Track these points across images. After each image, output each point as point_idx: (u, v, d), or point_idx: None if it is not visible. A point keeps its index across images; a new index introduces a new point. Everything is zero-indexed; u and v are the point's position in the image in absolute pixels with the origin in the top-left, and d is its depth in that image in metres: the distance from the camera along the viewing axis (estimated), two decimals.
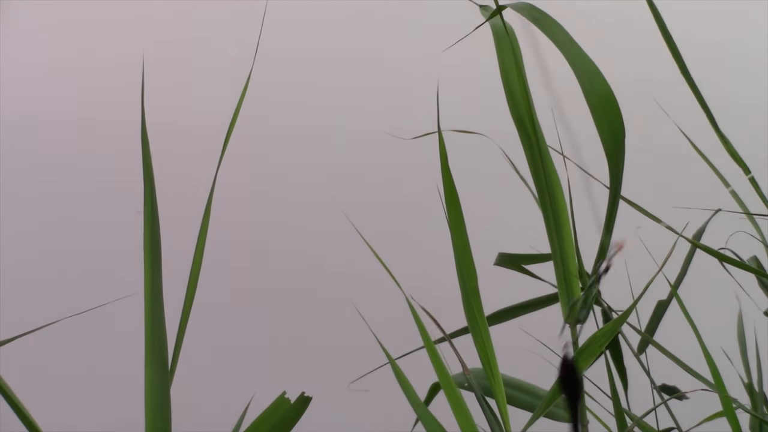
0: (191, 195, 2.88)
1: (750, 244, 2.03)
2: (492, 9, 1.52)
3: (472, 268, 1.48)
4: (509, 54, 1.50)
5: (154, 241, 1.30)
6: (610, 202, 1.46)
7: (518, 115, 1.51)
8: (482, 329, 1.48)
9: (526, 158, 1.53)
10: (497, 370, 1.49)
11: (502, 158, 1.91)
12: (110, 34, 3.41)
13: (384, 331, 1.70)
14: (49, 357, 3.18)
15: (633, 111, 1.68)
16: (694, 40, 3.19)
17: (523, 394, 1.76)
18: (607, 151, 1.41)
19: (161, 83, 3.34)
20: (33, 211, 3.31)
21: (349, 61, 3.44)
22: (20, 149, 3.33)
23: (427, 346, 1.45)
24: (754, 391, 1.87)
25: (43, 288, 3.25)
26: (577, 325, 1.55)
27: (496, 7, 1.46)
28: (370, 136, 3.30)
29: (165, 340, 1.29)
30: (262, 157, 3.38)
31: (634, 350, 1.88)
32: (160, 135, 1.50)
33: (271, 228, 3.37)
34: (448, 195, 1.47)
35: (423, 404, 1.49)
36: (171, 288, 1.44)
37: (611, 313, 1.85)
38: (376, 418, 3.16)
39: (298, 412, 1.30)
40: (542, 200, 1.53)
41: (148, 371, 1.28)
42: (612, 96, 1.39)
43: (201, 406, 3.10)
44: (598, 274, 1.40)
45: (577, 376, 1.05)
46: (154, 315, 1.28)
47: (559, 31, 1.43)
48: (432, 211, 3.09)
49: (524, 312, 1.83)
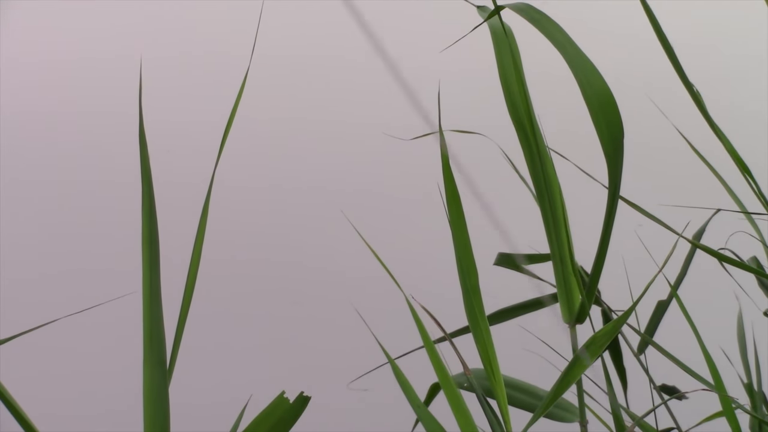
0: (190, 194, 2.88)
1: (750, 244, 2.03)
2: (490, 9, 1.52)
3: (473, 266, 1.48)
4: (507, 54, 1.50)
5: (152, 239, 1.30)
6: (609, 202, 1.45)
7: (517, 116, 1.51)
8: (483, 329, 1.48)
9: (525, 159, 1.53)
10: (498, 370, 1.49)
11: (501, 159, 1.91)
12: (110, 34, 3.41)
13: (384, 331, 1.70)
14: (47, 356, 3.18)
15: (632, 111, 1.68)
16: (695, 40, 3.19)
17: (524, 395, 1.76)
18: (606, 151, 1.41)
19: (160, 83, 3.34)
20: (32, 210, 3.31)
21: (348, 60, 3.44)
22: (20, 149, 3.33)
23: (426, 346, 1.45)
24: (754, 391, 1.87)
25: (41, 287, 3.25)
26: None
27: (495, 7, 1.46)
28: (369, 137, 3.30)
29: (163, 339, 1.29)
30: (261, 156, 3.38)
31: (634, 350, 1.88)
32: (158, 134, 1.50)
33: (270, 228, 3.37)
34: (449, 193, 1.47)
35: (423, 405, 1.48)
36: (169, 287, 1.44)
37: (611, 313, 1.85)
38: (376, 418, 3.16)
39: (297, 411, 1.29)
40: (541, 200, 1.53)
41: (147, 370, 1.28)
42: (611, 96, 1.39)
43: (200, 406, 3.11)
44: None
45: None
46: (152, 314, 1.28)
47: (558, 32, 1.42)
48: (432, 211, 3.09)
49: (524, 312, 1.82)
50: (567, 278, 1.53)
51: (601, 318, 1.86)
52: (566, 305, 1.55)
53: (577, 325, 1.57)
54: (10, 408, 1.26)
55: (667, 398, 1.88)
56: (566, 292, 1.54)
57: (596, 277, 1.51)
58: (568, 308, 1.55)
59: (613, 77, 1.48)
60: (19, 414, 1.25)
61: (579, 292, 1.54)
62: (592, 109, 1.40)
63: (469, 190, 1.56)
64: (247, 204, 3.35)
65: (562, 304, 1.56)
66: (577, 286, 1.54)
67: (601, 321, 1.86)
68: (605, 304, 1.84)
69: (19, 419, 1.26)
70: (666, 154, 3.20)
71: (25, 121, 3.35)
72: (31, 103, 3.36)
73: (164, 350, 1.29)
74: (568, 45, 1.41)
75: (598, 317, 1.90)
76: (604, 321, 1.86)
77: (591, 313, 1.57)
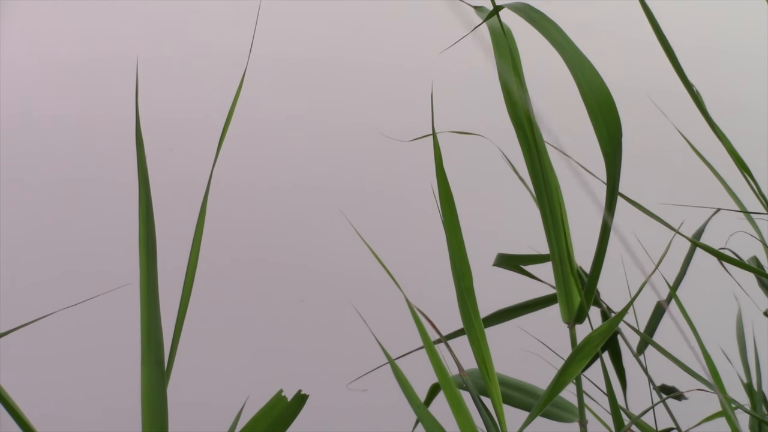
0: (188, 194, 2.88)
1: (750, 244, 2.03)
2: (488, 10, 1.52)
3: (467, 268, 1.48)
4: (507, 54, 1.50)
5: (150, 239, 1.29)
6: (607, 202, 1.46)
7: (516, 116, 1.51)
8: (477, 330, 1.48)
9: (524, 159, 1.53)
10: (492, 369, 1.49)
11: (500, 159, 1.91)
12: (109, 34, 3.41)
13: (383, 331, 1.70)
14: (44, 356, 3.18)
15: (631, 111, 1.68)
16: (694, 41, 3.19)
17: (522, 394, 1.76)
18: (605, 151, 1.41)
19: (158, 83, 3.34)
20: (31, 210, 3.31)
21: (348, 61, 3.44)
22: (19, 148, 3.33)
23: (426, 347, 1.45)
24: (754, 391, 1.86)
25: (39, 287, 3.25)
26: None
27: (494, 7, 1.46)
28: (370, 137, 3.30)
29: (161, 339, 1.29)
30: (260, 156, 3.38)
31: (633, 350, 1.88)
32: (156, 134, 1.50)
33: (269, 228, 3.36)
34: (443, 195, 1.47)
35: (423, 405, 1.48)
36: (167, 287, 1.44)
37: (610, 313, 1.85)
38: (376, 418, 3.16)
39: (294, 410, 1.29)
40: (540, 201, 1.53)
41: (145, 371, 1.28)
42: (609, 96, 1.39)
43: (198, 406, 3.10)
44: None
45: None
46: (150, 314, 1.28)
47: (556, 32, 1.42)
48: (431, 211, 3.09)
49: (522, 313, 1.82)
50: (566, 278, 1.54)
51: (601, 318, 1.86)
52: (565, 305, 1.55)
53: (577, 325, 1.57)
54: (8, 408, 1.26)
55: (665, 397, 1.87)
56: (565, 293, 1.55)
57: (595, 277, 1.51)
58: (567, 308, 1.55)
59: (612, 77, 1.48)
60: (17, 414, 1.25)
61: (578, 292, 1.54)
62: (590, 109, 1.40)
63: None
64: (245, 204, 3.35)
65: (561, 305, 1.56)
66: (576, 286, 1.54)
67: (601, 321, 1.86)
68: (604, 303, 1.84)
69: (17, 419, 1.26)
70: (665, 154, 3.20)
71: (23, 121, 3.35)
72: (31, 103, 3.36)
73: (162, 350, 1.29)
74: (567, 45, 1.41)
75: (597, 317, 1.90)
76: (603, 321, 1.86)
77: (590, 313, 1.57)
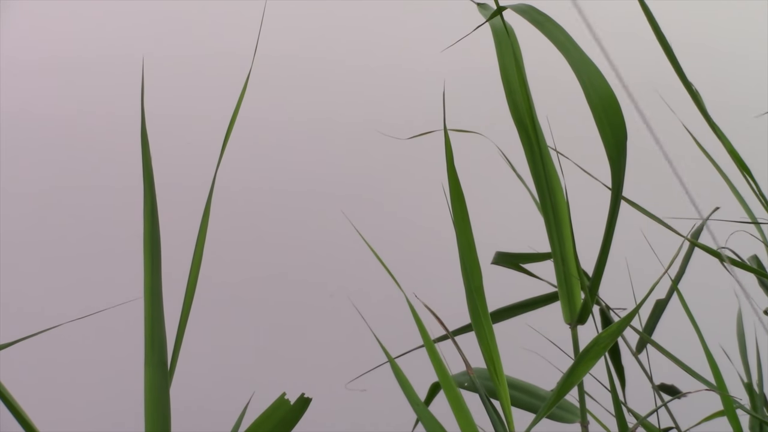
0: (192, 195, 2.88)
1: (750, 244, 2.03)
2: (492, 8, 1.52)
3: (476, 267, 1.47)
4: (509, 54, 1.50)
5: (154, 241, 1.29)
6: (612, 202, 1.45)
7: (518, 115, 1.51)
8: (487, 329, 1.48)
9: (526, 158, 1.53)
10: (501, 370, 1.49)
11: (499, 159, 1.91)
12: (110, 34, 3.41)
13: (383, 330, 1.70)
14: (49, 357, 3.17)
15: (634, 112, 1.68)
16: (695, 39, 3.19)
17: (525, 395, 1.76)
18: (609, 152, 1.41)
19: (161, 83, 3.33)
20: (31, 211, 3.31)
21: (347, 61, 3.44)
22: (19, 149, 3.33)
23: (426, 346, 1.45)
24: (754, 391, 1.86)
25: (40, 288, 3.25)
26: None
27: (497, 7, 1.45)
28: (370, 136, 3.30)
29: (165, 340, 1.29)
30: (262, 157, 3.38)
31: (633, 350, 1.88)
32: (160, 136, 1.50)
33: (270, 228, 3.36)
34: (454, 194, 1.46)
35: (423, 404, 1.48)
36: (170, 288, 1.43)
37: (609, 312, 1.85)
38: (376, 418, 3.16)
39: (297, 413, 1.29)
40: (542, 200, 1.53)
41: (148, 372, 1.28)
42: (613, 97, 1.39)
43: (201, 407, 3.10)
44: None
45: None
46: (153, 315, 1.28)
47: (561, 33, 1.42)
48: (432, 211, 3.08)
49: (522, 311, 1.82)
50: (568, 279, 1.53)
51: (600, 317, 1.86)
52: (567, 305, 1.55)
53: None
54: (11, 409, 1.26)
55: (669, 400, 1.87)
56: (567, 292, 1.54)
57: (598, 279, 1.51)
58: (569, 308, 1.55)
59: (616, 79, 1.48)
60: (21, 415, 1.25)
61: (582, 293, 1.54)
62: (594, 110, 1.40)
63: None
64: (247, 205, 3.35)
65: (563, 305, 1.55)
66: (578, 286, 1.53)
67: (600, 320, 1.86)
68: (603, 302, 1.84)
69: (21, 420, 1.26)
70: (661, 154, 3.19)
71: (24, 121, 3.34)
72: (31, 103, 3.35)
73: (165, 351, 1.29)
74: (572, 47, 1.41)
75: (597, 317, 1.90)
76: (603, 319, 1.86)
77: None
